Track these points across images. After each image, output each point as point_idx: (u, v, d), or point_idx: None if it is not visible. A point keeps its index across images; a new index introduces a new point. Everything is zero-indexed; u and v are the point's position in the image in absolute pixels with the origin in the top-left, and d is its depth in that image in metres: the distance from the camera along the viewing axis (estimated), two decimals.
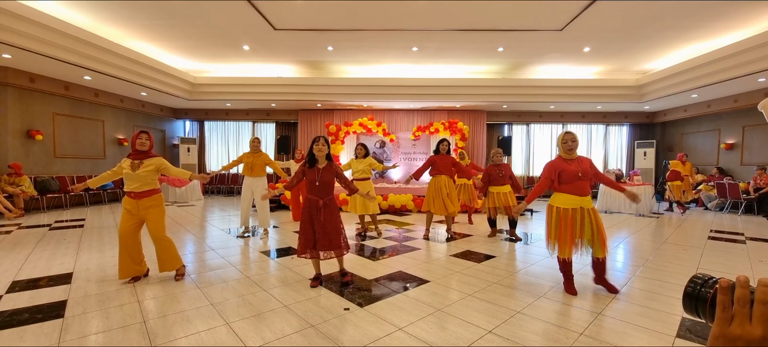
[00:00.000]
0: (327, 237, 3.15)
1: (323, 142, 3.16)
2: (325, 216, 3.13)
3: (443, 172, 5.26)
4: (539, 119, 12.60)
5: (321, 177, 3.12)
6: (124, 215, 3.33)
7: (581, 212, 3.04)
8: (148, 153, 3.41)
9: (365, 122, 11.53)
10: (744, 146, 9.43)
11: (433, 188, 5.29)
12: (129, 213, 3.32)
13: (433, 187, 5.30)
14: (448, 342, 2.30)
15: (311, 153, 3.17)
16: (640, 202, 3.29)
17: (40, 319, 2.58)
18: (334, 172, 3.20)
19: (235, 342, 2.27)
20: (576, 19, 6.49)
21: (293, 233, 5.80)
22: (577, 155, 3.17)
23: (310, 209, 3.17)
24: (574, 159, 3.14)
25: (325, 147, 3.16)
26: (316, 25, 7.00)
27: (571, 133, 3.17)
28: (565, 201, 3.07)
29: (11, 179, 7.27)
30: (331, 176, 3.18)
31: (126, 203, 3.35)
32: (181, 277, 3.48)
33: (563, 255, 3.07)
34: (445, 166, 5.27)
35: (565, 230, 3.02)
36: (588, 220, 3.04)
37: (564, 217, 3.04)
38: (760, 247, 5.06)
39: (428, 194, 5.37)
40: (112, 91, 9.71)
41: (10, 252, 4.43)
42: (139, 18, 6.68)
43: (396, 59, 9.06)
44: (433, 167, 5.34)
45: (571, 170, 3.05)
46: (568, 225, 3.02)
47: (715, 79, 8.02)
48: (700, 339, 2.34)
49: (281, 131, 13.11)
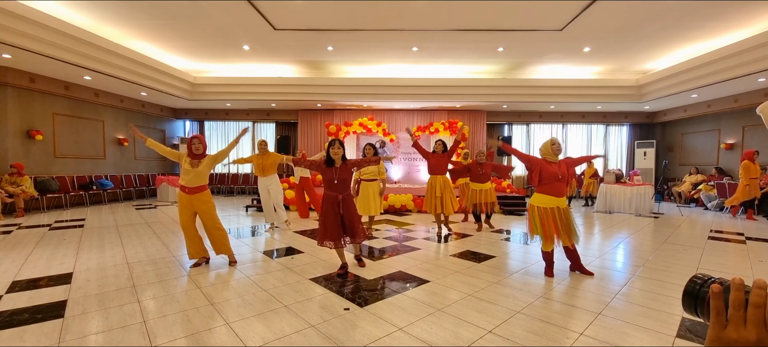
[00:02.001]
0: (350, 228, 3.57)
1: (338, 145, 3.52)
2: (344, 209, 3.50)
3: (437, 172, 5.54)
4: (539, 119, 12.60)
5: (338, 175, 3.48)
6: (180, 209, 3.85)
7: (557, 211, 3.45)
8: (203, 154, 3.93)
9: (365, 122, 11.52)
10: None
11: (429, 188, 5.63)
12: (184, 207, 3.81)
13: (429, 187, 5.63)
14: (448, 342, 2.30)
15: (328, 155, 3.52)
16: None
17: (40, 319, 2.58)
18: (349, 169, 3.57)
19: (235, 342, 2.27)
20: (576, 19, 6.49)
21: (293, 233, 5.80)
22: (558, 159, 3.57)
23: (331, 204, 3.50)
24: (556, 162, 3.53)
25: (341, 149, 3.53)
26: (316, 25, 7.00)
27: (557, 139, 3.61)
28: (544, 201, 3.47)
29: (12, 179, 7.27)
30: (348, 173, 3.55)
31: (181, 198, 3.85)
32: (234, 264, 3.95)
33: (546, 248, 3.53)
34: (439, 166, 5.53)
35: (547, 227, 3.44)
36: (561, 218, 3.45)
37: (545, 216, 3.45)
38: (760, 247, 5.06)
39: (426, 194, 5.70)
40: (112, 91, 9.71)
41: (10, 252, 4.43)
42: (139, 18, 6.68)
43: (396, 59, 9.06)
44: (429, 166, 5.62)
45: (553, 171, 3.44)
46: (549, 223, 3.43)
47: (715, 79, 8.02)
48: (700, 339, 2.34)
49: (281, 131, 13.12)
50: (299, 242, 5.10)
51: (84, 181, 9.10)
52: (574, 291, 3.21)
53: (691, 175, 10.49)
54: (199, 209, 3.83)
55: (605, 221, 7.25)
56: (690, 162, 11.10)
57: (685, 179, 10.54)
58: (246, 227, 6.31)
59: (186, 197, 3.79)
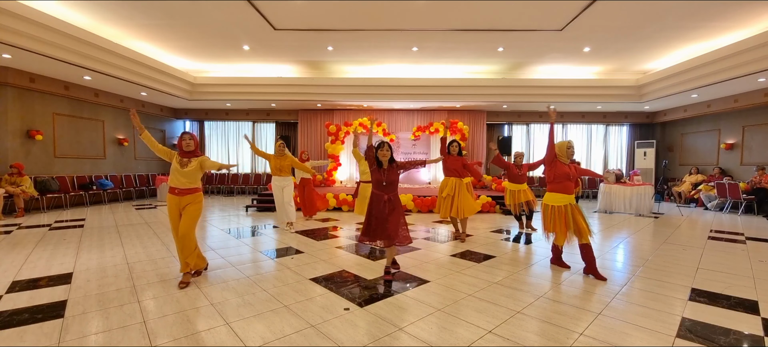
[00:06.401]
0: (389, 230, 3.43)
1: (387, 147, 3.49)
2: (389, 210, 3.44)
3: (452, 174, 5.31)
4: (539, 119, 12.60)
5: (387, 177, 3.48)
6: (170, 215, 3.44)
7: (569, 207, 3.74)
8: (194, 153, 3.51)
9: (365, 122, 11.52)
10: (744, 146, 9.43)
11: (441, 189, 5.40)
12: (173, 210, 3.42)
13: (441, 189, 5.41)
14: (448, 342, 2.30)
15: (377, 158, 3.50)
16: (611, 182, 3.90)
17: (40, 319, 2.58)
18: (397, 172, 3.55)
19: (235, 342, 2.27)
20: (576, 19, 6.49)
21: (293, 233, 5.80)
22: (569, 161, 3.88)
23: (378, 203, 3.48)
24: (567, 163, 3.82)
25: (389, 152, 3.48)
26: (316, 25, 7.00)
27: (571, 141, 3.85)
28: (557, 200, 3.77)
29: (12, 179, 7.27)
30: (396, 175, 3.53)
31: (170, 202, 3.44)
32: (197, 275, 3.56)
33: (558, 243, 3.84)
34: (455, 168, 5.30)
35: (559, 223, 3.72)
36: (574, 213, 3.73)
37: (558, 213, 3.74)
38: (760, 247, 5.06)
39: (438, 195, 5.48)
40: (112, 91, 9.71)
41: (10, 252, 4.43)
42: (139, 18, 6.68)
43: (396, 59, 9.06)
44: (444, 168, 5.42)
45: (565, 171, 3.74)
46: (561, 219, 3.71)
47: (715, 79, 8.02)
48: (700, 339, 2.35)
49: (281, 131, 13.11)
50: (299, 242, 5.10)
51: (84, 181, 9.10)
52: (575, 291, 3.21)
53: (691, 175, 10.50)
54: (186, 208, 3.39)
55: (605, 221, 7.25)
56: (690, 162, 11.10)
57: (685, 179, 10.54)
58: (246, 228, 6.31)
59: (175, 199, 3.40)
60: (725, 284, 3.43)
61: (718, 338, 2.37)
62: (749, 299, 3.05)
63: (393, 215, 3.45)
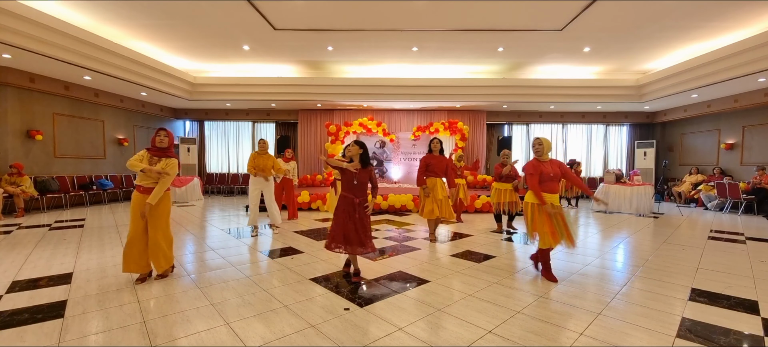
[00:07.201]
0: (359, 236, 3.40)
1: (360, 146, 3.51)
2: (360, 214, 3.41)
3: (437, 174, 5.09)
4: (539, 119, 12.60)
5: (358, 177, 3.43)
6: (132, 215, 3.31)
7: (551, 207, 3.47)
8: (167, 151, 3.42)
9: (365, 122, 11.52)
10: (744, 146, 9.43)
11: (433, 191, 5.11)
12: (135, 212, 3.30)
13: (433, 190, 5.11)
14: (448, 342, 2.30)
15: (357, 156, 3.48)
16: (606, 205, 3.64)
17: (40, 319, 2.58)
18: (369, 174, 3.52)
19: (235, 342, 2.27)
20: (576, 19, 6.49)
21: (293, 233, 5.80)
22: (549, 158, 3.61)
23: (347, 206, 3.42)
24: (547, 161, 3.58)
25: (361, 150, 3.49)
26: (316, 25, 7.00)
27: (538, 138, 3.63)
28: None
29: (12, 179, 7.27)
30: (367, 177, 3.51)
31: (135, 199, 3.31)
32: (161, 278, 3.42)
33: (545, 245, 3.49)
34: (439, 168, 5.09)
35: (543, 224, 3.45)
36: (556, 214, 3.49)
37: (540, 212, 3.48)
38: (760, 247, 5.06)
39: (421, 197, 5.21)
40: (112, 91, 9.71)
41: (10, 252, 4.43)
42: (139, 18, 6.68)
43: (396, 59, 9.06)
44: (428, 169, 5.13)
45: (546, 171, 3.51)
46: (545, 219, 3.45)
47: (715, 79, 8.02)
48: (700, 339, 2.35)
49: (281, 131, 13.12)
50: (299, 242, 5.10)
51: (84, 181, 9.10)
52: (574, 291, 3.21)
53: (691, 175, 10.50)
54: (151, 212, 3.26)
55: (605, 221, 7.25)
56: (690, 162, 11.10)
57: (685, 179, 10.54)
58: (246, 227, 6.31)
59: (140, 197, 3.29)
60: (725, 284, 3.42)
61: (718, 338, 2.37)
62: (749, 299, 3.05)
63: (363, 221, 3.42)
